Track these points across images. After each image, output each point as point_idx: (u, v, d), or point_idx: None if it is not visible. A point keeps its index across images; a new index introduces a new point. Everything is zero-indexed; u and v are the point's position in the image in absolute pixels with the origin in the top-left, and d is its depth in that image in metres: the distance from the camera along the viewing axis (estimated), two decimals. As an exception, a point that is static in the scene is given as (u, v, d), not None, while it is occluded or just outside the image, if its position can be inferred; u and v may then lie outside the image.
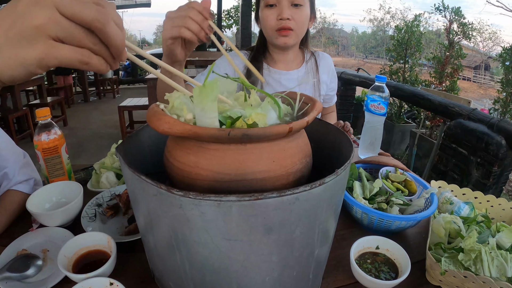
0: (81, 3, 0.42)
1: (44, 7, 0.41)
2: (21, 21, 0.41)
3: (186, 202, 0.47)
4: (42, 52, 0.42)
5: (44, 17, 0.41)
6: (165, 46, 1.03)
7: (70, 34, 0.42)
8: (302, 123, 0.57)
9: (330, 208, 0.61)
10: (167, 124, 0.52)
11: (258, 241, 0.53)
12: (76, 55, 0.43)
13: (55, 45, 0.42)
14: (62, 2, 0.41)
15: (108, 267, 0.87)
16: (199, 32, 0.94)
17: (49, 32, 0.41)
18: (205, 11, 0.94)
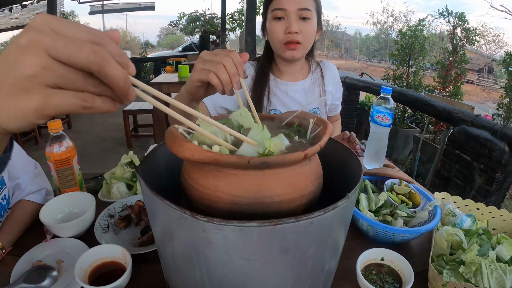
0: (75, 45, 0.39)
1: (34, 54, 0.39)
2: (13, 72, 0.39)
3: (209, 227, 0.51)
4: (39, 103, 0.40)
5: (36, 65, 0.39)
6: (190, 84, 1.01)
7: (66, 80, 0.40)
8: (316, 148, 0.62)
9: (341, 226, 0.65)
10: (189, 151, 0.56)
11: (275, 260, 0.57)
12: (77, 100, 0.41)
13: (52, 93, 0.40)
14: (54, 46, 0.39)
15: (124, 279, 0.90)
16: (227, 84, 0.90)
17: (44, 80, 0.39)
18: (240, 67, 0.90)
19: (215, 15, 16.57)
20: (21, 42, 0.39)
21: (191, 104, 1.13)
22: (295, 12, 1.50)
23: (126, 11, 18.78)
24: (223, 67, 0.89)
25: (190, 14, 17.31)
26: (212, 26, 16.25)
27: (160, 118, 5.33)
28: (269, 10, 1.58)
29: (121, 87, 0.43)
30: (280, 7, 1.51)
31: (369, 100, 7.31)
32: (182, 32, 19.25)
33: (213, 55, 0.93)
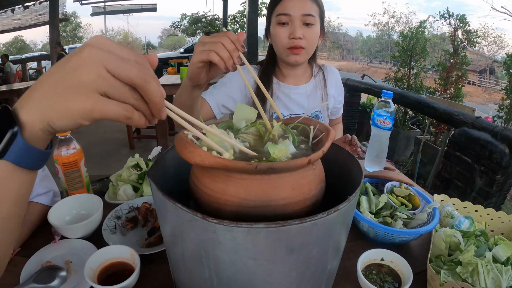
0: (127, 62, 0.47)
1: (93, 65, 0.46)
2: (70, 77, 0.46)
3: (220, 228, 0.55)
4: (89, 106, 0.46)
5: (94, 74, 0.45)
6: (191, 67, 1.06)
7: (116, 90, 0.47)
8: (319, 154, 0.65)
9: (342, 228, 0.69)
10: (199, 157, 0.60)
11: (280, 260, 0.60)
12: (121, 109, 0.48)
13: (101, 99, 0.47)
14: (110, 61, 0.46)
15: (133, 279, 0.93)
16: (228, 59, 0.96)
17: (98, 88, 0.46)
18: (237, 42, 0.96)
19: (217, 16, 16.64)
20: (83, 55, 0.46)
21: (194, 91, 1.18)
22: (299, 17, 1.53)
23: (128, 13, 18.86)
24: (222, 45, 0.95)
25: (192, 16, 17.37)
26: (214, 28, 16.32)
27: (163, 120, 5.35)
28: (273, 15, 1.61)
29: (158, 103, 0.51)
30: (284, 13, 1.54)
31: (371, 102, 7.34)
32: (184, 33, 19.31)
33: (211, 37, 0.98)
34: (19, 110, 0.50)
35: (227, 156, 0.62)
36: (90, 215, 1.20)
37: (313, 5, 1.55)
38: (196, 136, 0.69)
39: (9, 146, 0.49)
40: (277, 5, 1.57)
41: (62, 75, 0.47)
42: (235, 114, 0.80)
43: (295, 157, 0.68)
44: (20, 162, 0.52)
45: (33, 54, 23.45)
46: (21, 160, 0.52)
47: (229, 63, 0.97)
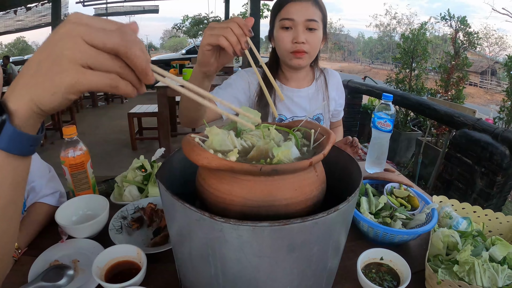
0: (106, 32, 0.48)
1: (71, 38, 0.47)
2: (50, 55, 0.47)
3: (226, 227, 0.58)
4: (72, 79, 0.47)
5: (73, 48, 0.47)
6: (201, 52, 1.08)
7: (98, 61, 0.48)
8: (320, 157, 0.68)
9: (342, 228, 0.72)
10: (206, 159, 0.63)
11: (283, 257, 0.63)
12: (105, 79, 0.49)
13: (84, 71, 0.47)
14: (88, 33, 0.47)
15: (140, 277, 0.95)
16: (236, 44, 0.98)
17: (78, 60, 0.47)
18: (245, 28, 0.99)
19: (219, 18, 16.63)
20: (60, 31, 0.48)
21: (204, 82, 1.20)
22: (303, 22, 1.56)
23: (130, 14, 18.84)
24: (231, 30, 0.98)
25: (194, 17, 17.37)
26: (216, 29, 16.31)
27: (165, 121, 5.37)
28: (277, 19, 1.64)
29: (143, 68, 0.51)
30: (288, 17, 1.57)
31: (372, 103, 7.36)
32: (186, 35, 19.32)
33: (220, 23, 1.01)
34: (7, 98, 0.51)
35: (233, 158, 0.65)
36: (96, 216, 1.23)
37: (316, 11, 1.58)
38: (202, 139, 0.73)
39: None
40: (281, 9, 1.60)
41: (43, 54, 0.49)
42: (240, 117, 0.83)
43: (297, 159, 0.71)
44: (11, 149, 0.53)
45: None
46: (12, 147, 0.53)
47: (237, 48, 0.99)
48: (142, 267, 0.98)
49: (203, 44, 1.05)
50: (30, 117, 0.53)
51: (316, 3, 1.59)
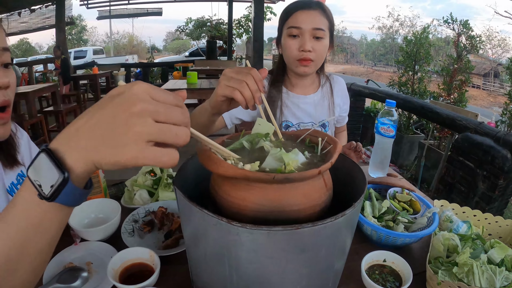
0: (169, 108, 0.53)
1: (144, 119, 0.50)
2: (121, 130, 0.50)
3: (242, 231, 0.63)
4: (138, 153, 0.50)
5: (142, 125, 0.50)
6: (214, 99, 1.10)
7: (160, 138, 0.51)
8: (328, 165, 0.73)
9: (348, 231, 0.77)
10: (223, 168, 0.68)
11: (293, 258, 0.69)
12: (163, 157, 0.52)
13: (148, 147, 0.51)
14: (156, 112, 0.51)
15: (154, 278, 0.98)
16: (250, 100, 1.00)
17: (145, 137, 0.50)
18: (260, 83, 1.00)
19: (222, 20, 16.70)
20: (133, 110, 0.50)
21: (213, 117, 1.24)
22: (310, 31, 1.61)
23: (134, 16, 18.98)
24: (246, 85, 0.99)
25: (197, 20, 17.43)
26: (219, 32, 16.37)
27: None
28: (284, 27, 1.68)
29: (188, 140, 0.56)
30: (295, 26, 1.62)
31: (375, 106, 7.39)
32: (189, 37, 19.39)
33: (236, 73, 1.02)
34: (63, 153, 0.54)
35: (248, 167, 0.70)
36: (108, 219, 1.27)
37: (323, 19, 1.63)
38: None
39: (61, 190, 0.54)
40: (289, 17, 1.65)
41: (111, 129, 0.51)
42: (255, 128, 0.87)
43: (306, 167, 0.76)
44: (67, 202, 0.57)
45: (38, 57, 23.60)
46: (69, 200, 0.57)
47: (250, 103, 1.01)
48: (156, 269, 1.01)
49: (218, 94, 1.07)
50: (86, 175, 0.56)
51: (323, 12, 1.64)
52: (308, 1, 1.65)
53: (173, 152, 0.53)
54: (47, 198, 0.55)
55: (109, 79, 10.44)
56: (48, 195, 0.54)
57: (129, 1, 15.11)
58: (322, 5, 1.65)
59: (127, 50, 46.49)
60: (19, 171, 1.22)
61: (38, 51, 45.30)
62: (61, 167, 0.53)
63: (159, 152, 0.52)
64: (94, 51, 22.78)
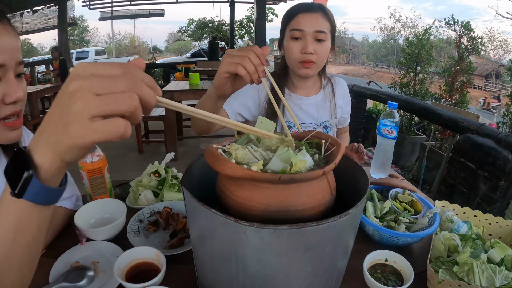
0: (113, 79, 0.50)
1: (81, 93, 0.49)
2: (65, 114, 0.50)
3: (250, 230, 0.65)
4: (83, 132, 0.49)
5: (83, 102, 0.49)
6: (218, 78, 1.13)
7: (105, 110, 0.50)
8: (331, 166, 0.76)
9: (351, 230, 0.80)
10: (230, 169, 0.70)
11: (299, 257, 0.71)
12: (112, 128, 0.50)
13: (92, 124, 0.49)
14: (96, 85, 0.49)
15: (160, 277, 1.00)
16: (253, 73, 1.03)
17: (87, 114, 0.49)
18: (262, 57, 1.04)
19: (224, 21, 16.71)
20: (69, 89, 0.50)
21: (218, 101, 1.27)
22: (312, 34, 1.63)
23: (136, 17, 19.00)
24: (249, 60, 1.03)
25: (199, 21, 17.46)
26: (221, 33, 16.39)
27: (171, 125, 5.41)
28: (287, 29, 1.71)
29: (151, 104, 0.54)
30: (298, 28, 1.64)
31: (376, 107, 7.39)
32: (191, 38, 19.41)
33: (238, 51, 1.06)
34: (32, 152, 0.55)
35: (255, 168, 0.72)
36: (113, 219, 1.28)
37: (325, 22, 1.65)
38: (224, 150, 0.80)
39: (26, 188, 0.55)
40: (291, 20, 1.68)
41: (59, 113, 0.52)
42: (256, 126, 0.90)
43: (311, 169, 0.78)
44: (37, 200, 0.59)
45: (41, 58, 23.60)
46: (37, 198, 0.58)
47: (255, 77, 1.04)
48: (162, 268, 1.02)
49: (221, 71, 1.10)
50: (55, 169, 0.57)
51: (325, 15, 1.66)
52: (310, 4, 1.68)
53: (119, 120, 0.51)
54: (16, 195, 0.57)
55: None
56: (16, 191, 0.56)
57: (131, 2, 15.13)
58: (324, 8, 1.68)
59: (129, 51, 46.49)
60: None
61: (40, 52, 45.29)
62: (27, 165, 0.55)
63: (103, 125, 0.50)
64: (96, 52, 22.86)
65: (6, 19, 0.94)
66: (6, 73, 0.94)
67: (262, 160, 0.77)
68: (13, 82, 0.96)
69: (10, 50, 0.93)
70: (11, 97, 0.95)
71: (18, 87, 0.97)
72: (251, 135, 0.89)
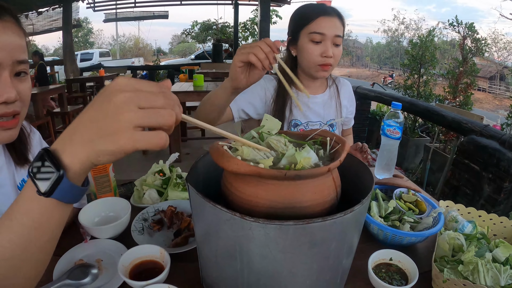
0: (153, 95, 0.56)
1: (128, 108, 0.54)
2: (109, 122, 0.54)
3: (255, 225, 0.65)
4: (128, 140, 0.54)
5: (129, 116, 0.54)
6: (233, 68, 1.21)
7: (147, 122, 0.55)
8: (336, 163, 0.76)
9: (356, 228, 0.80)
10: (236, 165, 0.70)
11: (304, 253, 0.71)
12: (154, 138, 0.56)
13: (137, 133, 0.55)
14: (141, 100, 0.55)
15: (164, 274, 1.00)
16: (264, 59, 1.11)
17: (133, 124, 0.54)
18: (273, 45, 1.11)
19: (228, 24, 16.73)
20: (116, 100, 0.55)
21: (231, 95, 1.35)
22: (332, 38, 1.67)
23: (140, 19, 19.07)
24: (260, 48, 1.11)
25: (203, 23, 17.49)
26: (225, 35, 16.42)
27: (175, 126, 5.41)
28: (304, 31, 1.72)
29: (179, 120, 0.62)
30: (319, 32, 1.66)
31: (380, 109, 7.39)
32: (195, 40, 19.45)
33: (250, 44, 1.15)
34: (61, 152, 0.58)
35: (262, 165, 0.72)
36: (118, 217, 1.30)
37: (341, 26, 1.71)
38: (230, 146, 0.80)
39: (56, 187, 0.58)
40: (310, 22, 1.69)
41: (101, 120, 0.55)
42: (263, 123, 0.91)
43: (316, 166, 0.78)
44: (64, 199, 0.61)
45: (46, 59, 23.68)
46: (65, 197, 0.61)
47: (266, 63, 1.12)
48: (166, 266, 1.03)
49: (235, 61, 1.17)
50: (82, 172, 0.60)
51: (341, 19, 1.72)
52: (325, 7, 1.72)
53: (162, 133, 0.57)
54: (44, 193, 0.59)
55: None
56: (45, 191, 0.58)
57: (135, 4, 15.18)
58: (338, 12, 1.72)
59: (133, 52, 46.67)
60: None
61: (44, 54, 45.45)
62: (57, 165, 0.57)
63: (148, 135, 0.56)
64: (100, 53, 22.87)
65: (11, 17, 0.94)
66: None
67: (272, 158, 0.77)
68: (5, 81, 0.93)
69: (8, 48, 0.92)
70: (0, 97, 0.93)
71: (11, 87, 0.95)
72: (254, 133, 0.90)
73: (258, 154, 0.79)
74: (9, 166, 1.18)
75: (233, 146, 0.82)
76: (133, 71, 13.30)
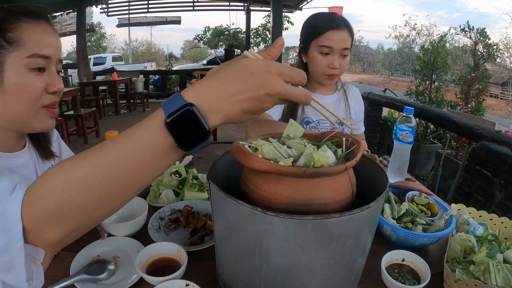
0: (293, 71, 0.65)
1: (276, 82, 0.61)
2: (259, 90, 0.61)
3: (276, 220, 0.69)
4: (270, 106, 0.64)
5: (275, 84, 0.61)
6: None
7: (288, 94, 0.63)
8: (353, 162, 0.79)
9: (371, 225, 0.83)
10: (257, 163, 0.74)
11: (322, 248, 0.74)
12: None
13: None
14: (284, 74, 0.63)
15: (181, 271, 1.04)
16: None
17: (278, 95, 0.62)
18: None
19: (240, 29, 16.80)
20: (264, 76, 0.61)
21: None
22: (339, 51, 1.77)
23: (153, 25, 19.18)
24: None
25: (215, 28, 17.57)
26: (237, 40, 16.47)
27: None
28: (314, 43, 1.81)
29: None
30: (327, 45, 1.76)
31: (392, 115, 7.37)
32: (207, 46, 19.54)
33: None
34: (207, 113, 0.61)
35: (282, 163, 0.76)
36: (134, 215, 1.32)
37: (349, 38, 1.79)
38: (249, 145, 0.84)
39: (198, 145, 0.62)
40: (320, 35, 1.78)
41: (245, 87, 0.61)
42: (287, 128, 0.94)
43: (333, 165, 0.81)
44: (194, 152, 0.64)
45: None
46: (197, 150, 0.64)
47: None
48: (183, 263, 1.06)
49: None
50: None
51: (350, 32, 1.80)
52: (335, 18, 1.79)
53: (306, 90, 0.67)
54: (186, 148, 0.63)
55: (128, 85, 10.55)
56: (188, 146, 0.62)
57: (148, 9, 15.30)
58: (348, 23, 1.80)
59: (145, 57, 46.89)
60: (52, 163, 1.31)
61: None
62: (203, 128, 0.61)
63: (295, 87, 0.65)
64: (113, 57, 23.05)
65: (47, 22, 1.07)
66: (49, 65, 1.04)
67: (292, 158, 0.80)
68: (55, 74, 1.07)
69: (55, 47, 1.05)
70: (53, 87, 1.05)
71: (61, 79, 1.08)
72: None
73: (277, 153, 0.82)
74: (33, 162, 1.23)
75: (252, 145, 0.85)
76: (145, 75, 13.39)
